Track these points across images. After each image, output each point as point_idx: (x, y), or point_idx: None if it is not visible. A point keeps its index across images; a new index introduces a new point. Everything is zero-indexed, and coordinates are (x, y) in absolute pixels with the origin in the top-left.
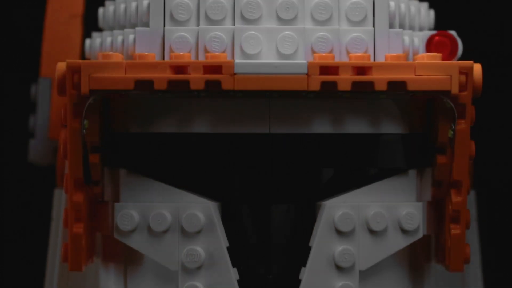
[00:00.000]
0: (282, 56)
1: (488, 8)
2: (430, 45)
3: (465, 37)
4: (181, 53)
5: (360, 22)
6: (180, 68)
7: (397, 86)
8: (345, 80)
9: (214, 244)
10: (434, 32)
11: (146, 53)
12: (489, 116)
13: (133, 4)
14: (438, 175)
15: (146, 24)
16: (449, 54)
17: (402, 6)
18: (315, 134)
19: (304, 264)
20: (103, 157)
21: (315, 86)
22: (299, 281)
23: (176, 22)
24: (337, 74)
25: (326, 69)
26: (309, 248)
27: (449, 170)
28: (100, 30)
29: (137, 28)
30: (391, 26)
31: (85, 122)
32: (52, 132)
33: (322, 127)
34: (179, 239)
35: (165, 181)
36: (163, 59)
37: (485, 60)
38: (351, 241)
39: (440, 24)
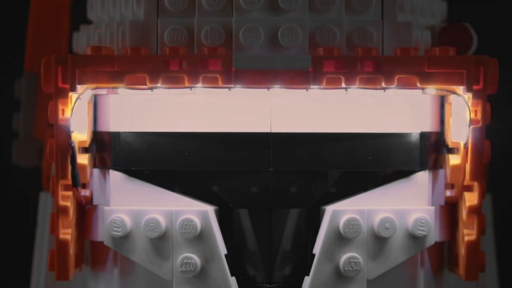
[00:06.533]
0: (283, 49)
1: None
2: (443, 38)
3: (480, 30)
4: (176, 47)
5: (367, 13)
6: (174, 63)
7: (407, 82)
8: (352, 75)
9: (211, 251)
10: (447, 24)
11: (139, 46)
12: (506, 114)
13: None
14: (451, 177)
15: (138, 16)
16: (463, 48)
17: None
18: (319, 133)
19: (307, 273)
20: (92, 158)
21: (320, 82)
22: None
23: (170, 13)
24: (343, 69)
25: (332, 64)
26: (313, 256)
27: (463, 172)
28: (88, 22)
29: (128, 20)
30: (400, 17)
31: (73, 120)
32: (37, 131)
33: (326, 126)
34: (174, 246)
35: (159, 183)
36: (157, 53)
37: (502, 54)
38: (358, 249)
39: (453, 16)
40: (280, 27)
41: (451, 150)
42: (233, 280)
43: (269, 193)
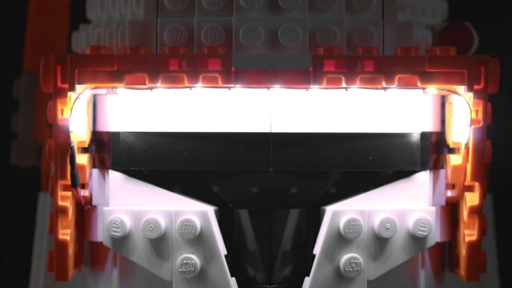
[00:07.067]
0: (284, 49)
1: None
2: (443, 38)
3: (481, 29)
4: (175, 46)
5: (368, 13)
6: (174, 62)
7: (408, 82)
8: (352, 75)
9: (211, 252)
10: (448, 23)
11: (138, 46)
12: (507, 114)
13: None
14: (452, 177)
15: (138, 15)
16: (464, 48)
17: None
18: (320, 133)
19: (307, 273)
20: (91, 158)
21: (320, 81)
22: None
23: (169, 13)
24: (343, 68)
25: (332, 63)
26: (313, 256)
27: (464, 173)
28: (88, 22)
29: (128, 20)
30: (401, 17)
31: (72, 120)
32: (36, 131)
33: (327, 126)
34: (174, 247)
35: (159, 184)
36: (156, 52)
37: (503, 53)
38: (358, 249)
39: (454, 15)
40: (280, 26)
41: (452, 150)
42: (233, 281)
43: (269, 193)
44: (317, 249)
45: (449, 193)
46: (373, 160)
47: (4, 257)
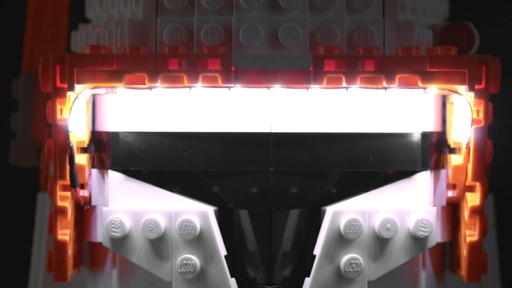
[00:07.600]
0: (284, 48)
1: None
2: (444, 37)
3: (482, 29)
4: (175, 46)
5: (368, 12)
6: (174, 62)
7: (408, 81)
8: (352, 74)
9: (210, 252)
10: (448, 23)
11: (137, 45)
12: (508, 113)
13: None
14: (453, 178)
15: (137, 15)
16: (465, 47)
17: None
18: (320, 133)
19: (308, 274)
20: (90, 158)
21: (320, 81)
22: None
23: (169, 12)
24: (344, 68)
25: (332, 63)
26: (314, 257)
27: (465, 173)
28: (87, 21)
29: (127, 19)
30: (402, 16)
31: (72, 120)
32: (35, 131)
33: (327, 126)
34: (173, 247)
35: (158, 184)
36: (156, 52)
37: (504, 53)
38: (359, 250)
39: (455, 15)
40: (281, 26)
41: (453, 150)
42: (233, 282)
43: (269, 193)
44: (317, 250)
45: (450, 193)
46: (373, 160)
47: (3, 257)
